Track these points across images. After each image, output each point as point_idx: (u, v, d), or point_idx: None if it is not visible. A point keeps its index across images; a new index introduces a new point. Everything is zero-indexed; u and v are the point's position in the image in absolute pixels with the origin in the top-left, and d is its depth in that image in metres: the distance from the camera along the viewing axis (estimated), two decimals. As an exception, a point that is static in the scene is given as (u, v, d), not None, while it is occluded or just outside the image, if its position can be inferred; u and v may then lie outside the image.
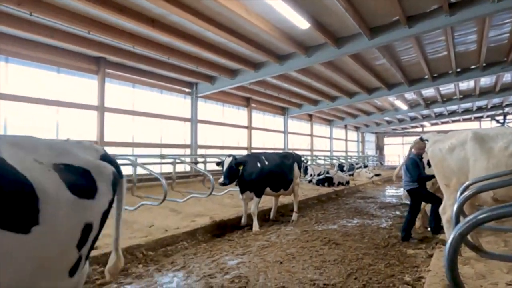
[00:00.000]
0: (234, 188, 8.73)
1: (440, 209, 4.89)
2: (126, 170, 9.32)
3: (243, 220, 7.43)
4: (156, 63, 9.81)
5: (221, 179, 6.91)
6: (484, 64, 12.60)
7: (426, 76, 13.73)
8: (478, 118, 30.22)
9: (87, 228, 2.02)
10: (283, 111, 19.09)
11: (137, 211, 6.93)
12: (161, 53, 8.96)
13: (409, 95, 18.63)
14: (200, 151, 12.75)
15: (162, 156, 9.54)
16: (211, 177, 7.82)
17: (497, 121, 23.50)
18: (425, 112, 24.10)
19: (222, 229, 7.02)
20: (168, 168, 10.74)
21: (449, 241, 1.61)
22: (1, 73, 7.51)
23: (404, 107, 20.06)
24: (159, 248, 5.55)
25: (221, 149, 14.14)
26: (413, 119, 27.85)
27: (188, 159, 11.50)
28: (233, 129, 15.16)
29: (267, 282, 4.15)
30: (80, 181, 2.02)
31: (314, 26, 7.82)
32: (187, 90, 12.34)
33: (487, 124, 28.49)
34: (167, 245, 5.73)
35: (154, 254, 5.34)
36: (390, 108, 22.11)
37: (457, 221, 2.65)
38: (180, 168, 11.38)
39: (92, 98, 9.22)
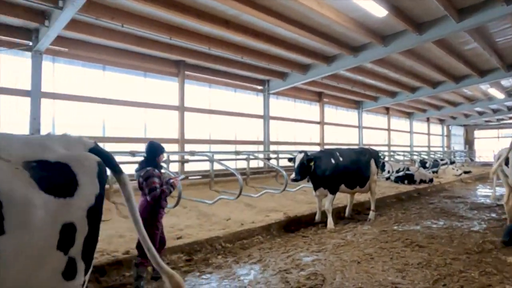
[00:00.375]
0: (307, 185, 8.67)
1: None
2: (204, 166, 9.91)
3: (317, 217, 7.34)
4: (230, 63, 10.18)
5: (293, 175, 6.91)
6: None
7: (530, 58, 11.89)
8: None
9: (68, 228, 1.81)
10: (357, 105, 18.30)
11: (215, 205, 7.30)
12: (234, 53, 9.28)
13: (507, 82, 16.33)
14: (272, 147, 12.92)
15: (237, 153, 9.90)
16: (284, 173, 7.85)
17: None
18: (528, 100, 20.89)
19: (296, 225, 7.03)
20: (242, 164, 11.11)
21: None
22: (100, 80, 8.54)
23: (500, 95, 17.66)
24: (236, 241, 5.79)
25: (293, 145, 14.13)
26: (511, 109, 24.37)
27: (261, 155, 11.73)
28: (304, 125, 15.04)
29: (345, 282, 4.05)
30: (56, 178, 1.83)
31: (392, 12, 7.31)
32: (259, 87, 12.57)
33: None
34: (243, 238, 5.94)
35: (232, 247, 5.58)
36: (483, 97, 19.64)
37: None
38: (253, 164, 11.68)
39: (174, 99, 9.96)
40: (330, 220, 6.96)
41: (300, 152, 7.09)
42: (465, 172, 18.18)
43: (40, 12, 6.43)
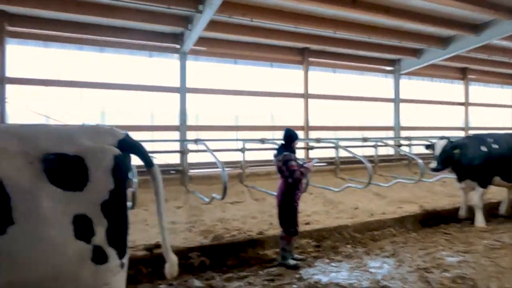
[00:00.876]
0: (448, 175, 7.65)
1: None
2: (329, 153, 9.80)
3: (461, 212, 6.43)
4: (356, 45, 9.63)
5: (433, 164, 6.17)
6: None
7: None
8: None
9: (81, 219, 1.94)
10: (515, 80, 14.98)
11: (341, 193, 7.17)
12: (362, 33, 8.75)
13: None
14: (404, 133, 11.80)
15: (364, 139, 9.44)
16: (420, 161, 7.09)
17: None
18: None
19: (434, 220, 6.32)
20: (369, 151, 10.53)
21: None
22: (232, 73, 9.30)
23: None
24: (366, 231, 5.58)
25: (429, 131, 12.57)
26: None
27: (391, 142, 10.87)
28: (444, 107, 13.17)
29: (503, 291, 3.45)
30: (67, 172, 1.94)
31: None
32: (388, 68, 11.56)
33: None
34: (374, 230, 5.68)
35: (361, 237, 5.41)
36: None
37: None
38: (382, 151, 10.93)
39: (299, 87, 10.08)
40: (479, 218, 6.00)
41: (441, 138, 6.28)
42: None
43: (183, 18, 7.37)
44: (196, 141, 7.27)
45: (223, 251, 4.52)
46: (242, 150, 8.19)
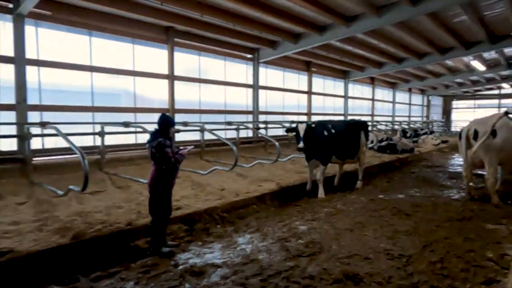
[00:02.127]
0: (297, 155, 8.88)
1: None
2: (195, 136, 9.90)
3: (308, 187, 7.60)
4: (221, 30, 9.88)
5: (301, 144, 6.96)
6: None
7: (513, 33, 12.13)
8: None
9: None
10: (344, 75, 18.34)
11: (208, 175, 7.41)
12: (227, 20, 9.01)
13: (489, 55, 16.70)
14: (261, 117, 12.95)
15: (228, 123, 9.89)
16: (276, 143, 7.98)
17: None
18: (505, 72, 21.53)
19: (288, 194, 7.28)
20: (232, 134, 11.15)
21: None
22: (86, 46, 8.14)
23: (481, 67, 18.10)
24: (233, 211, 5.98)
25: (282, 115, 14.21)
26: (489, 80, 25.05)
27: (250, 125, 11.77)
28: (293, 95, 15.04)
29: (341, 249, 4.32)
30: None
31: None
32: (249, 56, 12.35)
33: None
34: (240, 208, 6.14)
35: (229, 216, 5.77)
36: (464, 69, 20.08)
37: None
38: (243, 133, 11.74)
39: (163, 67, 9.68)
40: (321, 190, 7.24)
41: (301, 122, 7.18)
42: (443, 142, 18.95)
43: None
44: (43, 124, 6.11)
45: (87, 248, 4.09)
46: (101, 134, 7.40)
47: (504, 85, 27.30)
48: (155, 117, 4.50)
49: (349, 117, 17.85)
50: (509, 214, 5.74)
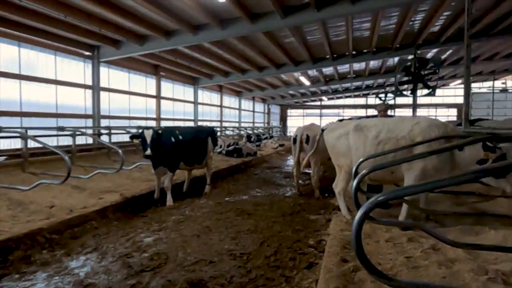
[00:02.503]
0: (144, 162, 8.46)
1: (334, 184, 5.72)
2: (15, 144, 8.16)
3: (156, 195, 7.32)
4: (48, 20, 8.50)
5: (148, 151, 6.55)
6: (374, 49, 14.31)
7: (328, 56, 14.97)
8: (366, 95, 34.45)
9: None
10: (193, 81, 18.67)
11: (33, 191, 6.22)
12: (55, 10, 7.80)
13: (312, 72, 20.11)
14: (104, 122, 11.78)
15: (60, 128, 8.55)
16: (120, 151, 7.39)
17: (380, 98, 27.13)
18: (324, 88, 26.41)
19: (134, 205, 6.83)
20: (66, 141, 9.71)
21: (356, 218, 1.97)
22: None
23: (307, 82, 21.61)
24: (65, 230, 5.17)
25: (128, 120, 13.30)
26: (313, 93, 30.24)
27: (90, 131, 10.53)
28: (141, 99, 14.30)
29: (187, 257, 4.30)
30: None
31: (230, -1, 7.77)
32: (87, 53, 11.05)
33: (372, 100, 32.71)
34: (74, 226, 5.36)
35: (60, 238, 4.96)
36: (295, 83, 23.55)
37: (356, 195, 3.17)
38: (80, 140, 10.39)
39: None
40: (169, 198, 7.08)
41: (147, 128, 6.80)
42: (280, 145, 21.65)
43: None
44: None
45: None
46: None
47: (323, 98, 33.39)
48: None
49: (199, 123, 18.27)
50: (326, 205, 6.96)
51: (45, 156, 8.55)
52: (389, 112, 7.69)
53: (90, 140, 10.93)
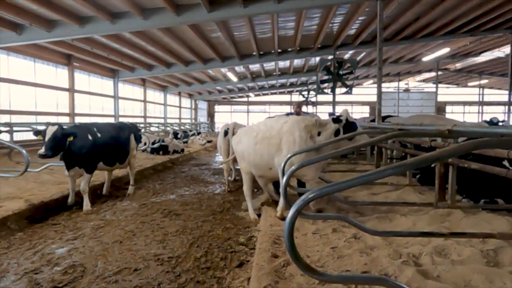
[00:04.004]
0: (56, 163, 7.56)
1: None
2: None
3: (70, 199, 6.58)
4: None
5: (42, 150, 5.78)
6: (298, 48, 14.92)
7: (254, 53, 15.17)
8: (290, 92, 35.99)
9: None
10: (113, 74, 17.32)
11: None
12: None
13: (239, 68, 20.22)
14: (4, 118, 10.22)
15: None
16: (23, 151, 6.43)
17: (303, 96, 28.56)
18: (251, 84, 26.81)
19: (44, 213, 6.04)
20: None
21: (289, 217, 1.96)
22: None
23: (234, 78, 21.66)
24: (-49, 248, 4.33)
25: (35, 115, 11.76)
26: (240, 89, 30.51)
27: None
28: (50, 91, 12.76)
29: (108, 266, 3.92)
30: None
31: (153, -13, 7.30)
32: (-22, 37, 9.44)
33: (296, 97, 34.28)
34: (-36, 243, 4.52)
35: None
36: (222, 78, 23.45)
37: (285, 192, 3.20)
38: (-28, 139, 8.86)
39: None
40: (86, 201, 6.42)
41: (52, 124, 6.03)
42: (208, 141, 21.39)
43: None
44: None
45: None
46: None
47: (250, 94, 33.91)
48: None
49: (121, 119, 17.06)
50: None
51: None
52: (304, 109, 8.16)
53: (-15, 139, 9.39)
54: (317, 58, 17.30)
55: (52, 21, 9.44)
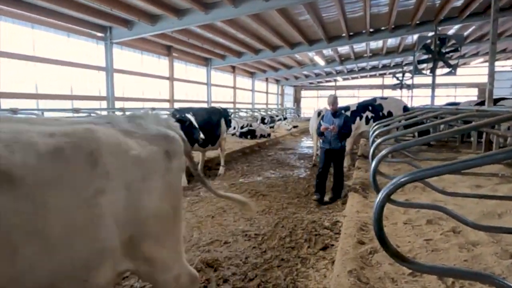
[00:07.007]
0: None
1: None
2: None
3: (171, 176, 7.36)
4: (60, 1, 8.44)
5: (202, 135, 6.78)
6: (393, 26, 13.76)
7: (344, 34, 14.49)
8: (382, 75, 33.53)
9: None
10: (206, 62, 18.49)
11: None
12: (67, -10, 7.72)
13: (327, 52, 19.59)
14: (117, 104, 11.84)
15: (75, 110, 8.63)
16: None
17: (397, 78, 26.39)
18: (339, 68, 25.80)
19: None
20: (82, 123, 9.83)
21: (377, 200, 1.88)
22: None
23: (321, 62, 21.11)
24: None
25: (142, 102, 13.33)
26: (328, 74, 29.62)
27: (104, 113, 10.61)
28: (153, 80, 14.27)
29: (202, 237, 4.32)
30: None
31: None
32: (99, 34, 11.00)
33: (389, 80, 31.85)
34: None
35: None
36: (309, 63, 23.06)
37: (374, 178, 3.04)
38: (96, 122, 10.49)
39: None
40: (184, 179, 7.10)
41: (188, 112, 6.96)
42: (294, 127, 21.45)
43: None
44: None
45: None
46: None
47: (338, 78, 32.69)
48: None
49: (212, 105, 18.19)
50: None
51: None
52: (398, 93, 7.53)
53: (105, 122, 11.02)
54: (415, 36, 15.72)
55: (155, 15, 10.47)
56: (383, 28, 14.28)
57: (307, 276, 3.33)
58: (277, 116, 22.88)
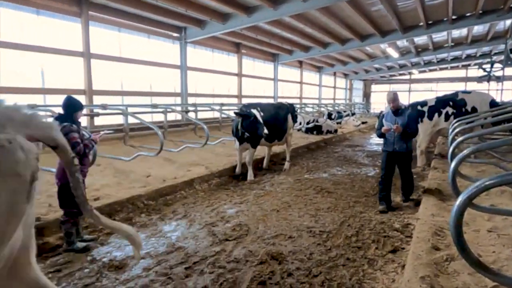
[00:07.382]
0: (228, 138, 8.84)
1: None
2: (116, 120, 9.23)
3: (237, 170, 7.62)
4: (143, 5, 9.20)
5: (266, 130, 6.96)
6: (480, 12, 12.33)
7: (421, 23, 13.41)
8: (465, 66, 30.26)
9: None
10: (273, 58, 18.61)
11: (132, 161, 6.99)
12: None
13: (401, 43, 18.32)
14: (190, 100, 12.56)
15: (154, 106, 9.39)
16: (205, 126, 7.83)
17: (484, 70, 23.57)
18: (415, 59, 23.94)
19: (218, 178, 7.22)
20: (158, 117, 10.65)
21: (457, 203, 1.74)
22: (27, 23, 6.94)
23: (395, 54, 19.83)
24: (159, 198, 5.73)
25: (212, 97, 13.96)
26: (402, 66, 27.68)
27: (178, 108, 11.35)
28: (223, 76, 14.83)
29: (267, 230, 4.42)
30: None
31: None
32: (175, 34, 11.76)
33: (474, 72, 28.63)
34: (166, 195, 5.91)
35: (155, 204, 5.53)
36: (381, 55, 21.82)
37: (454, 179, 2.81)
38: (170, 117, 11.29)
39: (77, 44, 8.72)
40: (250, 172, 7.31)
41: (253, 108, 7.24)
42: (363, 123, 20.55)
43: None
44: None
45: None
46: None
47: (413, 71, 30.36)
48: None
49: (279, 100, 18.29)
50: (415, 187, 6.43)
51: (142, 131, 9.52)
52: (485, 86, 6.74)
53: (179, 117, 11.80)
54: (508, 22, 13.87)
55: (225, 14, 10.84)
56: (468, 14, 12.86)
57: (374, 278, 3.22)
58: (344, 111, 22.14)
